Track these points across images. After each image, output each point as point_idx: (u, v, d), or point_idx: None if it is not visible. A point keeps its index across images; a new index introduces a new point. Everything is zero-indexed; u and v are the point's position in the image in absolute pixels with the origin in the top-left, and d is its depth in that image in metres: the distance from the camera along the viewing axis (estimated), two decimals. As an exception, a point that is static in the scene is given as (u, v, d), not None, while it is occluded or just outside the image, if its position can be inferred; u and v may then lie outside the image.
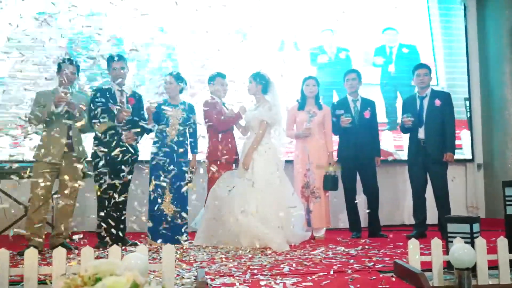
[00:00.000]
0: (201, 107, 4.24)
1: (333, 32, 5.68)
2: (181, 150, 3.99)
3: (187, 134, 4.10)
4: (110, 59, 4.00)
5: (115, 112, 3.83)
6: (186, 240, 3.99)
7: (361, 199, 4.60)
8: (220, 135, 4.11)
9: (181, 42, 5.29)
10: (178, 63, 5.28)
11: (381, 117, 4.90)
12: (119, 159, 3.78)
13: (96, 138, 3.91)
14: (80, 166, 3.67)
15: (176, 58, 5.30)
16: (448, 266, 2.46)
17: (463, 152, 5.68)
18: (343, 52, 5.67)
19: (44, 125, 3.72)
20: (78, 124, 3.70)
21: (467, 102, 5.80)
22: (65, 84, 3.73)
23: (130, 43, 4.92)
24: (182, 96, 4.20)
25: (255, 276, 2.56)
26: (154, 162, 3.98)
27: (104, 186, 3.76)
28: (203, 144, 4.29)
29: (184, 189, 3.94)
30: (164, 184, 3.90)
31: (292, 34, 5.57)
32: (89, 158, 3.91)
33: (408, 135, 4.52)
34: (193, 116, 4.15)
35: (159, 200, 3.91)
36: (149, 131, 4.06)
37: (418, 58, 5.73)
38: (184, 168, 4.01)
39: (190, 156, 4.14)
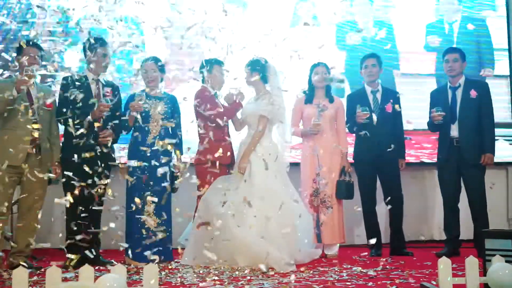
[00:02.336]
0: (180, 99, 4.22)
1: (369, 0, 5.12)
2: (164, 150, 3.98)
3: (170, 132, 4.10)
4: (93, 42, 3.94)
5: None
6: (171, 259, 4.00)
7: (381, 210, 4.60)
8: (212, 133, 4.09)
9: (151, 14, 4.77)
10: (145, 44, 4.90)
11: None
12: (92, 161, 3.77)
13: (65, 137, 3.90)
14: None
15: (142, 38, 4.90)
16: (485, 289, 2.46)
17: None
18: (383, 29, 5.15)
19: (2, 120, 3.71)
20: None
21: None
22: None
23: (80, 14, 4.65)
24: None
25: (255, 302, 2.57)
26: (132, 165, 3.98)
27: (75, 194, 3.75)
28: (187, 143, 4.26)
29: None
30: (146, 191, 3.90)
31: (310, 3, 5.12)
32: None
33: (438, 133, 4.52)
34: (177, 110, 4.16)
35: (140, 211, 3.90)
36: (129, 128, 4.07)
37: (488, 37, 5.27)
38: (169, 172, 4.01)
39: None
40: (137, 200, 3.80)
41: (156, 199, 3.85)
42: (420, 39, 5.32)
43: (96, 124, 3.77)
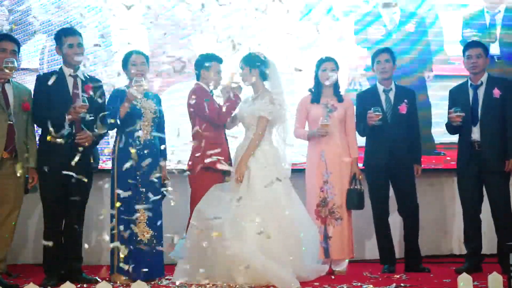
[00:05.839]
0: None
1: None
2: (156, 152, 4.01)
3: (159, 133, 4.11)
4: (63, 33, 3.96)
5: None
6: (162, 275, 4.01)
7: (395, 221, 4.61)
8: (208, 135, 4.09)
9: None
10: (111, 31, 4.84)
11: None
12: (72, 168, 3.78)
13: (41, 141, 3.89)
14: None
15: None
16: (511, 309, 2.47)
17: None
18: (410, 22, 5.02)
19: None
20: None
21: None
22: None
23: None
24: None
25: (255, 324, 2.57)
26: (120, 170, 3.96)
27: (54, 204, 3.76)
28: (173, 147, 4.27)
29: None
30: (136, 199, 3.91)
31: None
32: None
33: (457, 136, 4.52)
34: (160, 111, 4.17)
35: (130, 222, 3.89)
36: (112, 127, 4.03)
37: None
38: (160, 178, 4.02)
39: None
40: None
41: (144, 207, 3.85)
42: (457, 33, 5.17)
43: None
